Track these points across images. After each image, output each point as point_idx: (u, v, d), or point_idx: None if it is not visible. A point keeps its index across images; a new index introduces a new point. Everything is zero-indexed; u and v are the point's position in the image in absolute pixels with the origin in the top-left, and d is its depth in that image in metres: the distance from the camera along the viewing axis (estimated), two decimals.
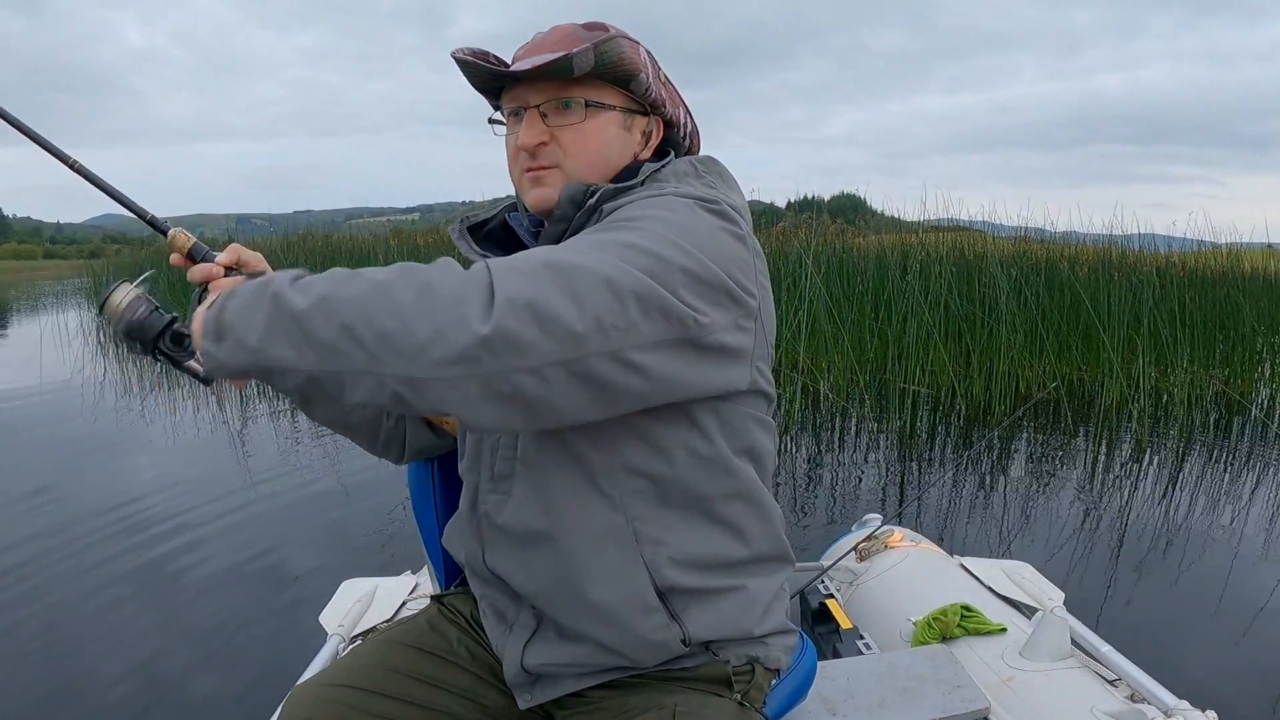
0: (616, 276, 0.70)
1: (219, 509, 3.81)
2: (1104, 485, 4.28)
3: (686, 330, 0.75)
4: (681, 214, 0.81)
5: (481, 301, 0.66)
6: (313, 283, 0.74)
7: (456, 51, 0.91)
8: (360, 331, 0.68)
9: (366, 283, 0.70)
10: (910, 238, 7.85)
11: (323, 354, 0.70)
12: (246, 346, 0.74)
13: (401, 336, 0.67)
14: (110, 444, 5.21)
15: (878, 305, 6.81)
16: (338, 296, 0.70)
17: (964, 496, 4.03)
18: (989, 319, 6.56)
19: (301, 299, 0.72)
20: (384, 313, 0.68)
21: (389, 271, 0.71)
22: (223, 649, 2.54)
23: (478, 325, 0.65)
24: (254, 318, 0.73)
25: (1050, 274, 6.97)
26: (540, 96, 0.92)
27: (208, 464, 4.65)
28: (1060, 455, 4.84)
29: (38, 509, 3.84)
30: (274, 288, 0.74)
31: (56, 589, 2.98)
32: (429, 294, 0.67)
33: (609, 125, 0.94)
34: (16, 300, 20.48)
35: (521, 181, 0.95)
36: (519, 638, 0.98)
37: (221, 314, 0.76)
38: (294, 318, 0.71)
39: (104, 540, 3.45)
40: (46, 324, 12.00)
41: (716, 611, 0.93)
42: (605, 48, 0.89)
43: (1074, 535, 3.47)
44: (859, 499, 3.96)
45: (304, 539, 3.46)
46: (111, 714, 2.21)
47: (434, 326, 0.66)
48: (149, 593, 2.98)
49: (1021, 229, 8.35)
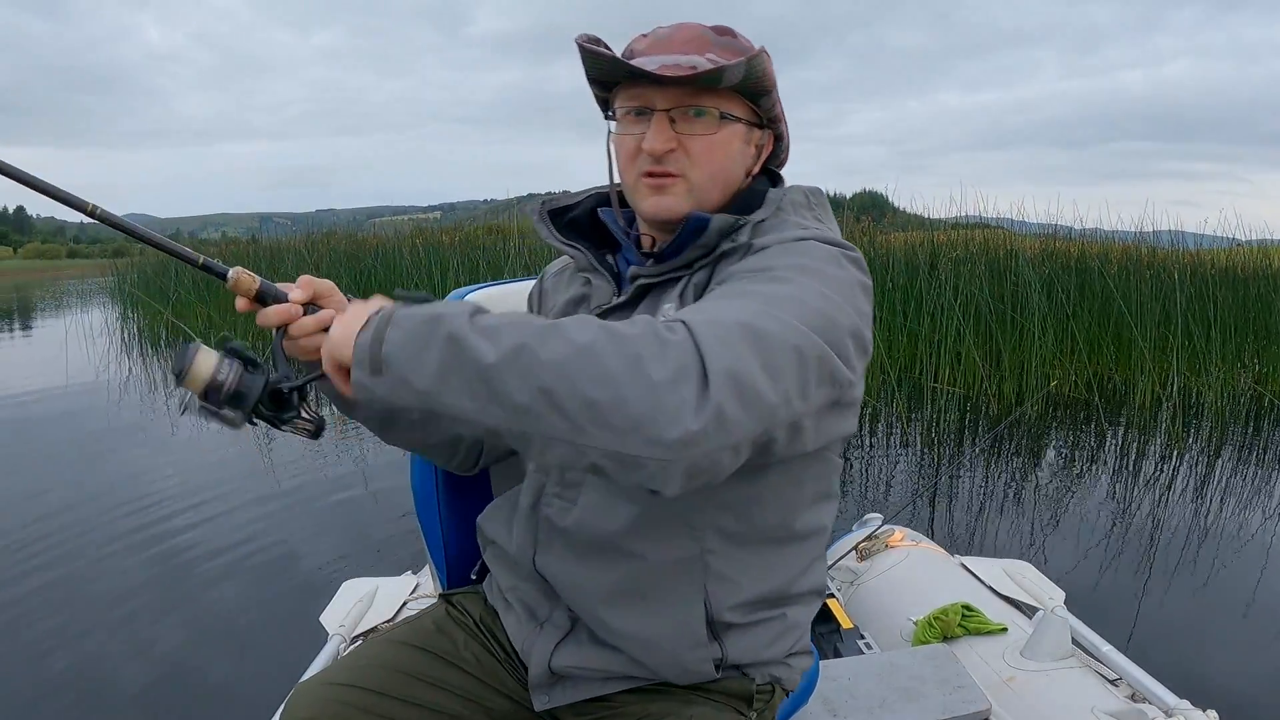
0: (803, 345, 0.69)
1: (225, 507, 3.84)
2: (1130, 485, 4.22)
3: (843, 392, 0.75)
4: (832, 267, 0.80)
5: (697, 379, 0.62)
6: (499, 330, 0.66)
7: (580, 38, 0.87)
8: (563, 399, 0.62)
9: (568, 344, 0.63)
10: (940, 236, 7.75)
11: (513, 414, 0.64)
12: (414, 388, 0.68)
13: (613, 411, 0.61)
14: (131, 441, 5.26)
15: (906, 303, 6.73)
16: (535, 357, 0.63)
17: (991, 497, 4.00)
18: (1019, 317, 6.48)
19: (488, 349, 0.64)
20: (592, 382, 0.62)
21: (589, 331, 0.64)
22: (223, 648, 2.55)
23: (696, 408, 0.61)
24: (424, 358, 0.67)
25: (1080, 272, 6.88)
26: (670, 101, 0.88)
27: (222, 462, 4.68)
28: (1088, 455, 4.78)
29: (54, 503, 3.90)
30: (448, 327, 0.67)
31: (69, 580, 3.03)
32: (640, 366, 0.62)
33: (735, 139, 0.91)
34: (41, 300, 20.75)
35: (638, 185, 0.91)
36: (550, 637, 0.97)
37: (380, 346, 0.69)
38: (480, 371, 0.64)
39: (107, 532, 3.50)
40: (71, 323, 12.08)
41: (755, 638, 0.95)
42: (755, 63, 0.85)
43: (1105, 537, 3.43)
44: (888, 496, 3.96)
45: (310, 539, 3.47)
46: (111, 707, 2.24)
47: (650, 404, 0.61)
48: (155, 587, 3.00)
49: (1050, 226, 8.25)
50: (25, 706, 2.26)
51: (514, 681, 1.04)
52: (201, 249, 0.88)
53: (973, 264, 6.80)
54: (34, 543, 3.39)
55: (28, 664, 2.45)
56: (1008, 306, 6.56)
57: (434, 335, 0.67)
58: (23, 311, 17.51)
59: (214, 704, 2.25)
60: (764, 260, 0.82)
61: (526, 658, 0.99)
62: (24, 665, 2.45)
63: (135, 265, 12.31)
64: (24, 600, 2.88)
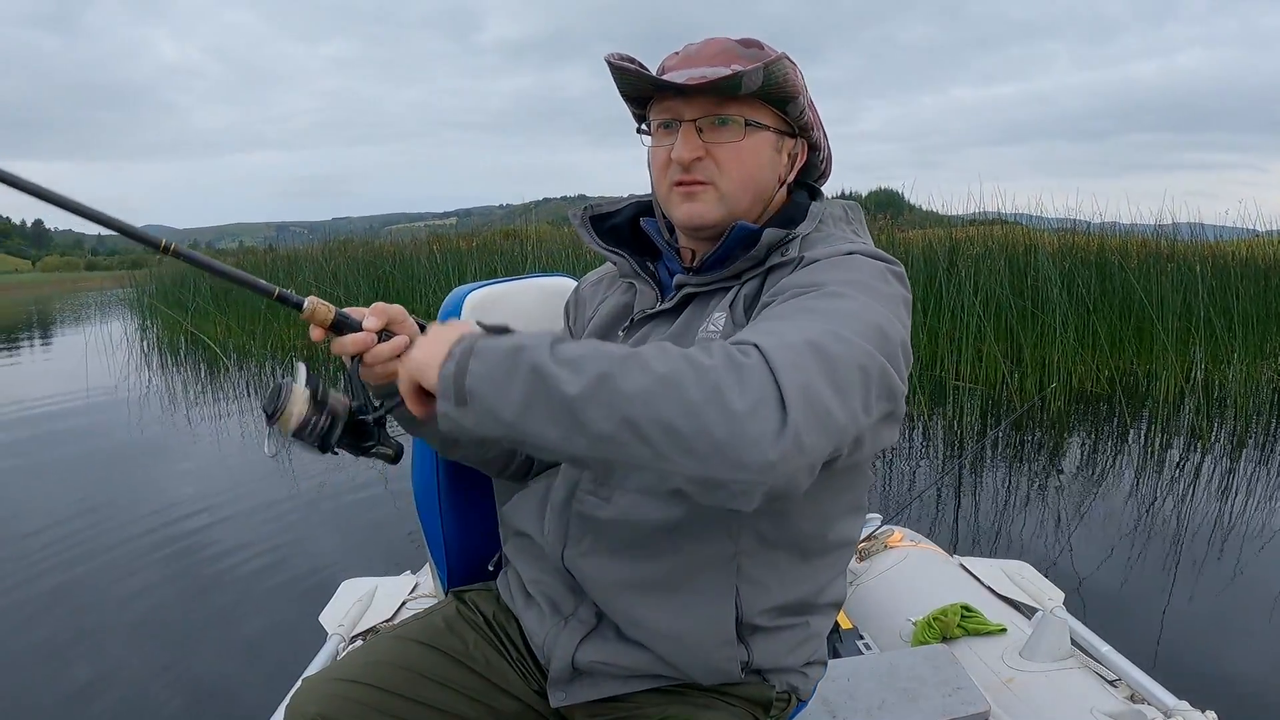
0: (867, 363, 0.71)
1: (235, 511, 3.87)
2: (1151, 480, 4.18)
3: (897, 405, 0.77)
4: (880, 282, 0.84)
5: (775, 407, 0.64)
6: (581, 360, 0.67)
7: (610, 56, 0.91)
8: (647, 429, 0.64)
9: (648, 375, 0.65)
10: (959, 232, 7.69)
11: (597, 443, 0.65)
12: (500, 419, 0.69)
13: (697, 439, 0.63)
14: (149, 452, 5.31)
15: (926, 300, 6.68)
16: (618, 388, 0.64)
17: (1007, 495, 3.98)
18: (1041, 313, 6.42)
19: (571, 380, 0.66)
20: (675, 411, 0.63)
21: (668, 361, 0.66)
22: (224, 647, 2.58)
23: (776, 435, 0.63)
24: (508, 389, 0.68)
25: (1101, 266, 6.80)
26: (697, 111, 0.91)
27: (239, 468, 4.71)
28: (1108, 450, 4.73)
29: (70, 509, 3.94)
30: (530, 358, 0.68)
31: (83, 587, 3.08)
32: (721, 396, 0.63)
33: (764, 146, 0.94)
34: (61, 312, 20.96)
35: (671, 195, 0.95)
36: (575, 632, 0.97)
37: (464, 378, 0.70)
38: (565, 403, 0.66)
39: (117, 536, 3.55)
40: (91, 334, 12.18)
41: (780, 644, 0.96)
42: (774, 68, 0.88)
43: (1127, 535, 3.39)
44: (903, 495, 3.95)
45: (309, 539, 3.49)
46: (110, 703, 2.28)
47: (733, 433, 0.63)
48: (163, 589, 3.05)
49: (1069, 221, 8.16)
50: (26, 703, 2.30)
51: (524, 684, 1.04)
52: (219, 259, 0.88)
53: (992, 260, 6.73)
54: (50, 546, 3.45)
55: (27, 662, 2.50)
56: (1028, 301, 6.50)
57: (517, 367, 0.68)
58: (42, 323, 17.75)
59: (213, 703, 2.27)
60: (817, 274, 0.84)
61: (548, 652, 0.99)
62: (23, 664, 2.49)
63: (154, 276, 12.41)
64: (36, 600, 2.94)
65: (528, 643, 1.05)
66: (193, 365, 8.93)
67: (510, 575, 1.10)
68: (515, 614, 1.06)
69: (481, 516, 1.19)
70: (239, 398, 6.90)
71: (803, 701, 1.06)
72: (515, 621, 1.07)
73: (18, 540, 3.54)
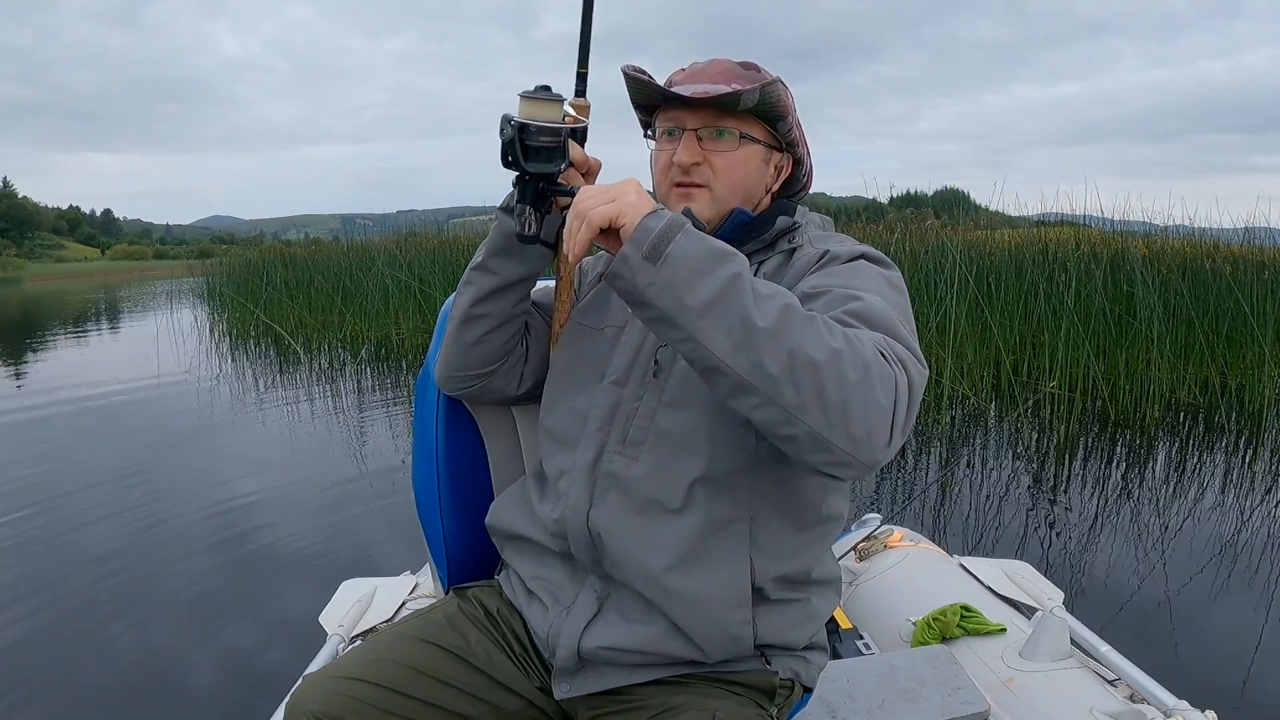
0: (914, 346, 0.84)
1: (255, 499, 3.95)
2: (1152, 482, 4.18)
3: None
4: (895, 283, 0.97)
5: (901, 406, 0.77)
6: (773, 298, 0.76)
7: (626, 67, 1.03)
8: (804, 382, 0.73)
9: (822, 345, 0.74)
10: (1046, 234, 7.48)
11: (756, 372, 0.74)
12: (680, 300, 0.75)
13: (837, 409, 0.74)
14: (209, 436, 5.38)
15: (1012, 305, 6.53)
16: (799, 345, 0.74)
17: (1015, 496, 3.96)
18: (1132, 319, 6.22)
19: (760, 311, 0.75)
20: (832, 380, 0.73)
21: (838, 338, 0.75)
22: (224, 647, 2.58)
23: (893, 430, 0.77)
24: (703, 282, 0.75)
25: (1195, 271, 6.54)
26: (698, 121, 1.02)
27: (308, 457, 4.77)
28: (1204, 461, 4.62)
29: (128, 487, 4.14)
30: (736, 269, 0.76)
31: (122, 565, 3.20)
32: (868, 380, 0.75)
33: (754, 158, 1.05)
34: (129, 299, 21.26)
35: (670, 194, 1.05)
36: (578, 619, 0.98)
37: (667, 243, 0.77)
38: (749, 326, 0.74)
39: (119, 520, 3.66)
40: (162, 322, 12.16)
41: (783, 618, 1.00)
42: (769, 90, 0.99)
43: (1128, 535, 3.41)
44: None
45: (312, 539, 3.48)
46: (110, 699, 2.30)
47: (868, 417, 0.74)
48: (171, 575, 3.11)
49: (1147, 225, 8.02)
50: (27, 697, 2.32)
51: (526, 680, 1.04)
52: (285, 250, 0.92)
53: (1087, 264, 6.54)
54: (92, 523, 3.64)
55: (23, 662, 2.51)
56: (1121, 308, 6.33)
57: (721, 268, 0.76)
58: (111, 311, 17.94)
59: (214, 700, 2.28)
60: (857, 275, 0.94)
61: (553, 643, 0.99)
62: (18, 664, 2.50)
63: (225, 266, 12.43)
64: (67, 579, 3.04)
65: (530, 638, 1.06)
66: (264, 354, 9.00)
67: (511, 575, 1.11)
68: (518, 609, 1.07)
69: (481, 516, 1.19)
70: (310, 384, 6.97)
71: (805, 693, 1.06)
72: (518, 617, 1.07)
73: (69, 506, 3.87)
